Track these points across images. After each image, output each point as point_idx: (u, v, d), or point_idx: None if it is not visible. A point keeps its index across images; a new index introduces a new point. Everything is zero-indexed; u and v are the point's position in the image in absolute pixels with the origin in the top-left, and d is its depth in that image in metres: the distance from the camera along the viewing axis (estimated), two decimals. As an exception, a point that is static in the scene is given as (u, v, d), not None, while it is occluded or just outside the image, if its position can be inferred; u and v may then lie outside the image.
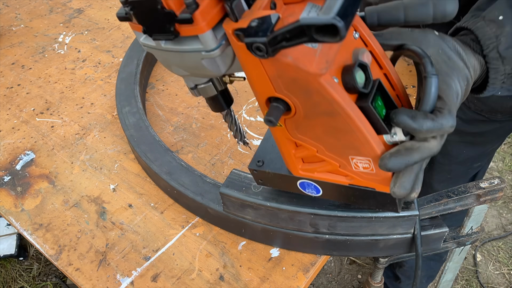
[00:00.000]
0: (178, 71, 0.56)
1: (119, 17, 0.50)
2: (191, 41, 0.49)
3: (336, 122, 0.52)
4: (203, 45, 0.49)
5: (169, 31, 0.47)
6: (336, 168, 0.61)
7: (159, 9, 0.45)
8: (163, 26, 0.47)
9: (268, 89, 0.51)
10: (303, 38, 0.40)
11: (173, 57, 0.53)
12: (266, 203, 0.75)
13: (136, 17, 0.48)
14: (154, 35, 0.49)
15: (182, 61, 0.52)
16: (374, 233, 0.75)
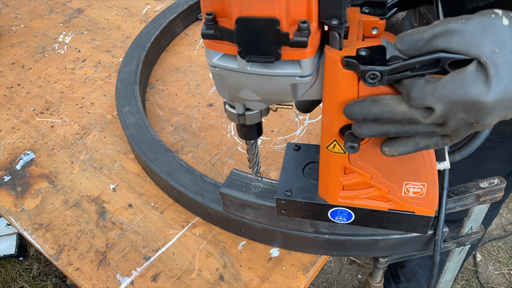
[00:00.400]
0: (248, 95, 0.54)
1: (205, 35, 0.48)
2: (287, 65, 0.49)
3: None
4: (301, 70, 0.49)
5: (273, 54, 0.47)
6: (382, 194, 0.63)
7: (275, 30, 0.45)
8: (268, 48, 0.46)
9: None
10: (433, 69, 0.43)
11: (255, 81, 0.51)
12: (266, 203, 0.75)
13: (238, 36, 0.46)
14: (251, 57, 0.47)
15: (265, 85, 0.51)
16: (374, 233, 0.75)
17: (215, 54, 0.51)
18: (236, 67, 0.50)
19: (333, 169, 0.62)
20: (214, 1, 0.47)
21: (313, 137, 1.05)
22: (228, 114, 0.62)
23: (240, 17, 0.45)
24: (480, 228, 0.81)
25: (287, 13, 0.45)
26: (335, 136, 0.57)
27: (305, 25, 0.45)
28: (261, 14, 0.44)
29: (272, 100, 0.56)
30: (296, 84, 0.51)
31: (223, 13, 0.48)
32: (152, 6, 1.57)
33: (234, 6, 0.45)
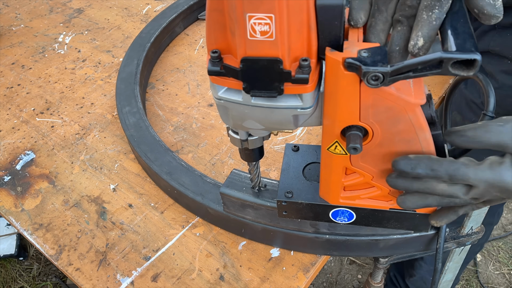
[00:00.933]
0: (252, 124, 0.57)
1: (211, 72, 0.50)
2: (289, 98, 0.52)
3: (411, 149, 0.56)
4: (302, 102, 0.52)
5: (276, 89, 0.49)
6: (383, 194, 0.64)
7: (278, 69, 0.47)
8: (271, 84, 0.49)
9: (352, 118, 0.54)
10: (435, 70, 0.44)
11: (259, 112, 0.54)
12: (266, 203, 0.75)
13: (243, 74, 0.49)
14: (255, 92, 0.50)
15: (268, 116, 0.54)
16: (374, 233, 0.75)
17: (220, 88, 0.53)
18: (241, 100, 0.53)
19: (334, 170, 0.62)
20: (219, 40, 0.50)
21: (313, 137, 1.05)
22: (231, 139, 0.65)
23: (245, 57, 0.47)
24: (480, 228, 0.81)
25: (289, 52, 0.48)
26: (336, 138, 0.57)
27: (306, 63, 0.48)
28: (264, 55, 0.47)
29: (274, 128, 0.59)
30: (297, 115, 0.54)
31: (228, 51, 0.50)
32: (152, 6, 1.57)
33: (239, 46, 0.47)
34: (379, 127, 0.54)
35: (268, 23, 0.45)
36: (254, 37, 0.46)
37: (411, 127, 0.53)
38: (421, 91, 0.52)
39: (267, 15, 0.44)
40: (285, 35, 0.46)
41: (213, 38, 0.50)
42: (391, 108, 0.52)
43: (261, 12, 0.44)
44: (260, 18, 0.44)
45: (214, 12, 0.48)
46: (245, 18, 0.45)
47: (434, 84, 1.14)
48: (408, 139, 0.55)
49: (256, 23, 0.45)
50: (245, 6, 0.44)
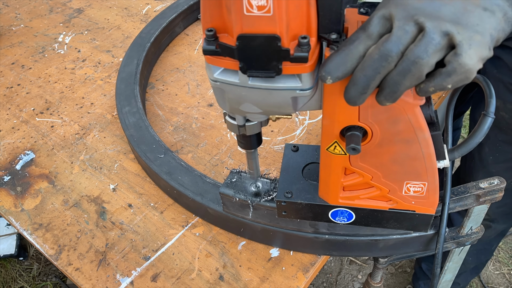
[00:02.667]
0: (249, 108, 0.55)
1: (206, 51, 0.49)
2: (288, 79, 0.50)
3: (410, 149, 0.56)
4: (302, 83, 0.50)
5: (274, 69, 0.47)
6: (382, 194, 0.64)
7: (276, 46, 0.45)
8: (269, 63, 0.47)
9: (351, 118, 0.53)
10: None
11: (256, 95, 0.52)
12: (266, 203, 0.75)
13: (239, 53, 0.47)
14: (252, 72, 0.48)
15: (266, 98, 0.52)
16: (373, 233, 0.75)
17: (216, 69, 0.51)
18: (237, 82, 0.51)
19: (333, 170, 0.62)
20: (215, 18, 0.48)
21: (313, 137, 1.05)
22: (228, 125, 0.62)
23: (241, 34, 0.45)
24: (479, 228, 0.81)
25: (288, 29, 0.46)
26: (335, 138, 0.57)
27: (305, 41, 0.46)
28: (262, 31, 0.45)
29: (272, 112, 0.57)
30: (296, 97, 0.52)
31: (224, 29, 0.48)
32: (152, 6, 1.57)
33: (235, 23, 0.45)
34: (378, 128, 0.54)
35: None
36: (251, 13, 0.44)
37: (410, 127, 0.53)
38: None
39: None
40: (283, 10, 0.44)
41: (208, 15, 0.48)
42: (390, 108, 0.52)
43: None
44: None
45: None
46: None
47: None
48: (407, 139, 0.55)
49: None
50: None
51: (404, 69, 0.44)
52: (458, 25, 0.42)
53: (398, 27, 0.43)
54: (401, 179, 0.61)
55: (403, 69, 0.44)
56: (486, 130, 0.59)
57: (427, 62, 0.43)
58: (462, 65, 0.42)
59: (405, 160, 0.58)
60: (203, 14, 0.48)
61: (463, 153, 0.62)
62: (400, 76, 0.44)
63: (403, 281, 1.91)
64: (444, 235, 0.72)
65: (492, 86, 0.61)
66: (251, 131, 0.63)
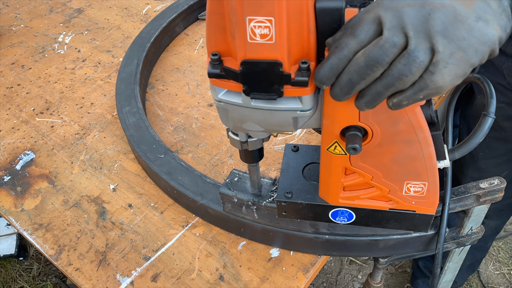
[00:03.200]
0: (252, 126, 0.57)
1: (211, 75, 0.51)
2: (289, 101, 0.52)
3: (411, 149, 0.56)
4: (302, 105, 0.52)
5: (276, 92, 0.50)
6: (383, 194, 0.64)
7: (278, 71, 0.48)
8: (271, 86, 0.49)
9: (352, 118, 0.54)
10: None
11: (259, 114, 0.54)
12: (266, 203, 0.75)
13: (243, 77, 0.49)
14: (255, 94, 0.50)
15: (268, 118, 0.54)
16: (374, 233, 0.75)
17: (220, 90, 0.54)
18: (241, 103, 0.53)
19: (334, 170, 0.62)
20: (219, 42, 0.50)
21: (313, 137, 1.05)
22: (231, 140, 0.65)
23: (245, 60, 0.47)
24: (480, 229, 0.81)
25: (289, 55, 0.48)
26: (336, 138, 0.57)
27: (305, 66, 0.48)
28: (264, 57, 0.47)
29: (274, 130, 0.59)
30: (297, 117, 0.54)
31: (228, 53, 0.50)
32: (152, 6, 1.57)
33: (239, 49, 0.47)
34: (378, 128, 0.54)
35: (268, 26, 0.45)
36: (254, 40, 0.46)
37: (411, 127, 0.53)
38: None
39: (267, 18, 0.44)
40: (285, 38, 0.46)
41: (213, 40, 0.50)
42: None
43: (261, 15, 0.44)
44: (260, 21, 0.45)
45: (215, 15, 0.48)
46: (245, 21, 0.45)
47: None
48: (407, 139, 0.55)
49: (256, 26, 0.45)
50: (245, 9, 0.44)
51: (388, 83, 0.44)
52: (444, 38, 0.42)
53: (386, 38, 0.43)
54: (401, 179, 0.61)
55: (387, 83, 0.45)
56: (486, 130, 0.59)
57: (411, 79, 0.44)
58: (434, 82, 0.43)
59: (405, 160, 0.57)
60: (208, 38, 0.50)
61: (463, 153, 0.62)
62: (383, 88, 0.45)
63: (403, 281, 1.91)
64: (444, 235, 0.72)
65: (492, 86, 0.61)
66: (253, 147, 0.66)
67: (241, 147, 0.66)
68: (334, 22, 0.48)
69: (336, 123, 0.55)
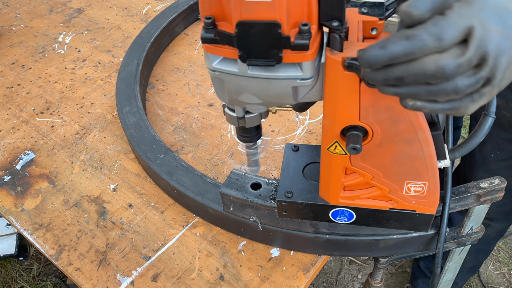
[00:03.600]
0: (249, 98, 0.54)
1: (204, 39, 0.48)
2: (288, 68, 0.49)
3: (411, 149, 0.55)
4: (302, 72, 0.48)
5: (274, 57, 0.46)
6: (383, 194, 0.64)
7: (276, 33, 0.44)
8: (269, 51, 0.46)
9: (352, 118, 0.53)
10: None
11: (256, 84, 0.51)
12: (266, 203, 0.75)
13: (239, 40, 0.46)
14: (251, 60, 0.47)
15: (265, 88, 0.51)
16: (374, 233, 0.75)
17: (215, 58, 0.50)
18: (237, 71, 0.50)
19: (334, 170, 0.62)
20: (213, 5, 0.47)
21: (313, 137, 1.05)
22: (228, 117, 0.61)
23: (240, 21, 0.44)
24: (480, 228, 0.81)
25: (288, 16, 0.45)
26: (336, 138, 0.57)
27: (306, 28, 0.45)
28: (261, 18, 0.44)
29: (272, 103, 0.56)
30: (297, 87, 0.51)
31: (223, 17, 0.47)
32: (152, 6, 1.57)
33: (234, 9, 0.44)
34: (379, 127, 0.54)
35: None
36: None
37: (411, 127, 0.53)
38: None
39: None
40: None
41: (207, 2, 0.47)
42: (391, 108, 0.52)
43: None
44: None
45: None
46: None
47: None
48: (408, 139, 0.55)
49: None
50: None
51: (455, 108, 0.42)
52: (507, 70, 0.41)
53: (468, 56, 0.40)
54: (401, 179, 0.61)
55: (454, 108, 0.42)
56: (486, 130, 0.59)
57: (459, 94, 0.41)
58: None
59: (405, 160, 0.57)
60: (201, 1, 0.47)
61: (463, 152, 0.62)
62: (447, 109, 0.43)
63: (403, 281, 1.91)
64: (445, 235, 0.72)
65: None
66: (250, 123, 0.62)
67: (238, 123, 0.62)
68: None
69: (337, 123, 0.55)
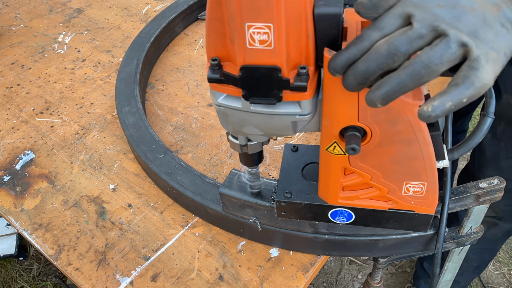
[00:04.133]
0: (251, 130, 0.58)
1: (211, 80, 0.51)
2: (288, 105, 0.52)
3: (410, 149, 0.55)
4: (301, 109, 0.52)
5: (275, 96, 0.50)
6: (382, 194, 0.63)
7: (276, 77, 0.48)
8: (270, 91, 0.50)
9: (351, 118, 0.54)
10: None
11: (258, 119, 0.55)
12: (266, 203, 0.75)
13: (242, 82, 0.50)
14: (254, 99, 0.51)
15: (267, 122, 0.55)
16: (373, 233, 0.75)
17: (220, 95, 0.54)
18: (240, 107, 0.54)
19: (333, 171, 0.62)
20: (219, 47, 0.50)
21: (312, 137, 1.05)
22: (231, 143, 0.65)
23: (244, 65, 0.48)
24: (479, 228, 0.81)
25: (288, 61, 0.48)
26: (335, 138, 0.57)
27: (304, 71, 0.48)
28: (263, 63, 0.47)
29: (273, 134, 0.60)
30: (296, 121, 0.54)
31: (227, 58, 0.51)
32: (152, 6, 1.57)
33: (238, 55, 0.48)
34: (377, 128, 0.54)
35: (267, 32, 0.45)
36: (253, 46, 0.46)
37: (410, 127, 0.53)
38: (419, 92, 0.52)
39: (266, 25, 0.45)
40: (284, 44, 0.46)
41: (212, 46, 0.50)
42: (390, 109, 0.52)
43: (260, 21, 0.45)
44: (259, 28, 0.45)
45: (214, 21, 0.48)
46: (244, 27, 0.45)
47: (434, 84, 1.14)
48: (406, 140, 0.55)
49: (255, 32, 0.45)
50: (244, 15, 0.44)
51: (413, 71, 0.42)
52: (476, 39, 0.41)
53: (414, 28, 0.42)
54: (400, 179, 0.61)
55: (413, 71, 0.42)
56: (485, 130, 0.59)
57: (439, 69, 0.42)
58: (480, 79, 0.41)
59: (404, 160, 0.57)
60: (208, 44, 0.50)
61: (462, 153, 0.62)
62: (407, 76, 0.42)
63: (403, 281, 1.91)
64: (444, 235, 0.72)
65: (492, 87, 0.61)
66: (252, 150, 0.66)
67: (241, 150, 0.66)
68: (332, 28, 0.48)
69: (335, 123, 0.55)
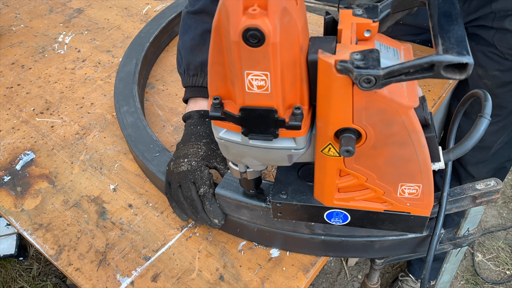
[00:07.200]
0: (250, 161, 0.63)
1: (212, 117, 0.57)
2: (284, 140, 0.57)
3: (405, 151, 0.56)
4: (296, 144, 0.57)
5: (271, 134, 0.55)
6: (377, 196, 0.64)
7: (273, 117, 0.53)
8: (267, 129, 0.55)
9: (345, 120, 0.55)
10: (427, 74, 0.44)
11: (256, 152, 0.60)
12: (262, 203, 0.75)
13: (241, 121, 0.55)
14: (252, 135, 0.56)
15: (264, 155, 0.60)
16: (369, 234, 0.76)
17: (221, 130, 0.60)
18: (239, 141, 0.59)
19: (328, 172, 0.62)
20: (221, 87, 0.55)
21: (312, 138, 1.06)
22: (231, 170, 0.71)
23: (243, 106, 0.53)
24: (476, 230, 0.81)
25: (283, 103, 0.52)
26: (330, 140, 0.57)
27: (299, 111, 0.53)
28: (261, 105, 0.52)
29: (270, 164, 0.65)
30: (292, 154, 0.59)
31: (228, 96, 0.56)
32: (152, 6, 1.57)
33: (238, 96, 0.53)
34: (372, 130, 0.54)
35: (264, 79, 0.49)
36: (252, 90, 0.51)
37: (405, 129, 0.53)
38: (414, 94, 0.52)
39: (263, 73, 0.49)
40: (279, 88, 0.50)
41: (214, 86, 0.55)
42: (384, 111, 0.52)
43: (257, 70, 0.49)
44: (257, 75, 0.49)
45: (216, 65, 0.53)
46: (243, 74, 0.49)
47: (434, 84, 1.14)
48: (401, 142, 0.55)
49: (253, 78, 0.50)
50: (244, 64, 0.48)
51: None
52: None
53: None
54: (395, 181, 0.61)
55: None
56: (482, 132, 0.59)
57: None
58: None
59: (399, 162, 0.58)
60: (210, 83, 0.55)
61: (458, 155, 0.62)
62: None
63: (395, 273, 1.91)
64: (440, 237, 0.73)
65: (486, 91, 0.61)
66: (252, 176, 0.71)
67: (241, 176, 0.71)
68: None
69: (330, 125, 0.55)
